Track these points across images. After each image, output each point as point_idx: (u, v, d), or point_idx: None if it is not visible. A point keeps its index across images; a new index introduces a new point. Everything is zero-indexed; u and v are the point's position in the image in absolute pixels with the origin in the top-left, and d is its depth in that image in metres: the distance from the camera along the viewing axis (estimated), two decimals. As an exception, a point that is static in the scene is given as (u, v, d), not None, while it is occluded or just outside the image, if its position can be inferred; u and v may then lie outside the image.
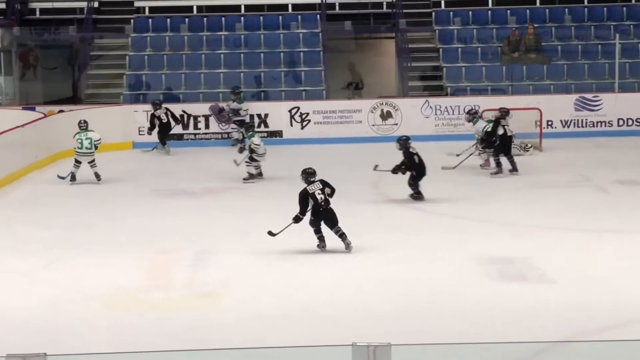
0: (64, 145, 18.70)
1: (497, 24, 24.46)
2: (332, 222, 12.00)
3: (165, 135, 20.30)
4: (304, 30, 24.24)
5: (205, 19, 24.42)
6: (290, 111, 21.48)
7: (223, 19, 24.43)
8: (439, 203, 15.02)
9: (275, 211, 14.47)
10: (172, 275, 11.60)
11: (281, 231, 12.17)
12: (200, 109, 21.54)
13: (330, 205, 12.05)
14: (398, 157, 15.01)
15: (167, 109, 20.44)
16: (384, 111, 21.71)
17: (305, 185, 12.04)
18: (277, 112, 21.42)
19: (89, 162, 16.96)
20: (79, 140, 16.88)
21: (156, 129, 20.25)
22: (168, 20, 24.40)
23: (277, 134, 21.31)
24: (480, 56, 23.68)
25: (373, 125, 21.61)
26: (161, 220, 14.24)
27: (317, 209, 11.92)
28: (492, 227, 13.62)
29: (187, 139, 21.15)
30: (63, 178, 17.04)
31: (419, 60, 23.95)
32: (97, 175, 16.96)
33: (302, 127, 21.49)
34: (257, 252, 12.36)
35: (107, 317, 10.12)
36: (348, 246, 11.97)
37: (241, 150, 17.40)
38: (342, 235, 11.99)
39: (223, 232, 13.54)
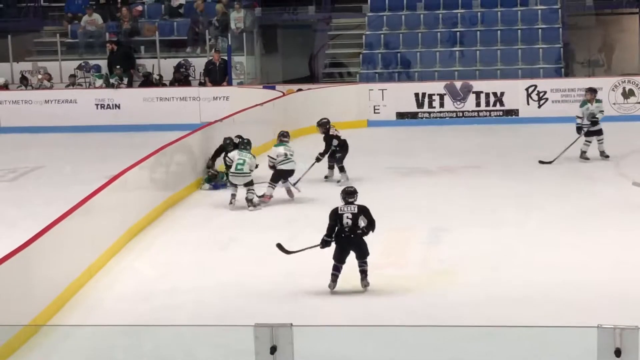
0: (302, 123, 19.07)
1: None
2: (361, 254, 10.32)
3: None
4: (543, 7, 23.63)
5: (442, -4, 24.30)
6: (527, 89, 21.00)
7: (460, -4, 24.24)
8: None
9: (508, 193, 14.27)
10: (407, 253, 11.63)
11: (296, 252, 10.72)
12: (435, 87, 21.44)
13: (363, 237, 10.33)
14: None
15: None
16: (626, 89, 20.87)
17: (342, 204, 10.43)
18: (513, 91, 20.98)
19: (244, 185, 14.20)
20: (240, 160, 14.25)
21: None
22: (404, -1, 24.43)
23: (513, 112, 20.89)
24: None
25: (614, 103, 20.81)
26: (396, 198, 14.28)
27: (339, 234, 10.27)
28: None
29: (422, 118, 21.10)
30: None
31: (665, 36, 23.00)
32: (249, 201, 14.09)
33: (539, 106, 20.93)
34: (493, 231, 12.21)
35: (342, 291, 10.26)
36: (365, 286, 10.42)
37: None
38: (363, 273, 10.32)
39: (459, 210, 13.43)
